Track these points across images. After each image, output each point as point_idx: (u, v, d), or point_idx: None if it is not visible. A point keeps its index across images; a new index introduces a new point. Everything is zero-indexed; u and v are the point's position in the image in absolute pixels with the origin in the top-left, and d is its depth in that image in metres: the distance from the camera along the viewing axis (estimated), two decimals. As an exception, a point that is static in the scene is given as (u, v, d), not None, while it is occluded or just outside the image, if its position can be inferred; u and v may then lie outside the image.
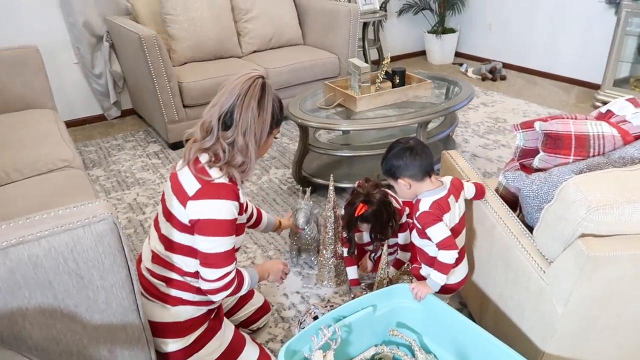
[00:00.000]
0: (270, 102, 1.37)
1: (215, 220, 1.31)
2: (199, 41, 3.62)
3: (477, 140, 3.43)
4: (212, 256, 1.34)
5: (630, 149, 1.48)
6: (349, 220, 1.87)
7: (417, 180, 1.51)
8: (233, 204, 1.34)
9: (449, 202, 1.51)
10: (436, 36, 5.17)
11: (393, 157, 1.54)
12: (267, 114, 1.36)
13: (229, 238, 1.35)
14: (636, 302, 1.23)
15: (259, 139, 1.37)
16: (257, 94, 1.34)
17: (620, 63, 3.80)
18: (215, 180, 1.33)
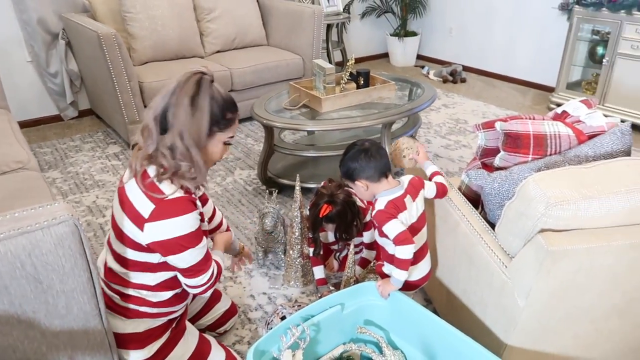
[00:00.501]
0: (206, 100, 1.24)
1: (181, 237, 1.26)
2: (160, 40, 3.55)
3: (439, 141, 3.51)
4: (194, 267, 1.32)
5: (584, 147, 1.55)
6: (314, 221, 1.88)
7: (373, 182, 1.53)
8: (193, 215, 1.27)
9: (405, 201, 1.53)
10: (398, 39, 5.26)
11: (349, 160, 1.56)
12: (203, 113, 1.24)
13: (201, 244, 1.32)
14: (591, 294, 1.29)
15: (197, 142, 1.25)
16: (191, 90, 1.22)
17: (573, 67, 3.98)
18: (169, 197, 1.24)
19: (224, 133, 1.32)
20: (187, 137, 1.24)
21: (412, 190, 1.57)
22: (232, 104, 1.32)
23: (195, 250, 1.30)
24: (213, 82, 1.29)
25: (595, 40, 3.83)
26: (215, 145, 1.32)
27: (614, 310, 1.35)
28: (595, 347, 1.45)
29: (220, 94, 1.28)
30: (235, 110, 1.34)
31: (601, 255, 1.21)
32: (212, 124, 1.27)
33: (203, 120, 1.25)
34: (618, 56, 3.49)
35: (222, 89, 1.32)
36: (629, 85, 3.49)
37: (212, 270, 1.39)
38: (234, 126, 1.35)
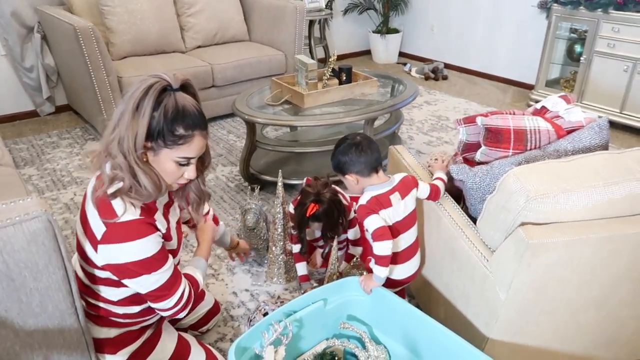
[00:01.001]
0: (149, 106, 1.10)
1: (133, 263, 1.16)
2: (139, 35, 3.48)
3: (421, 137, 3.52)
4: (154, 292, 1.22)
5: (563, 142, 1.56)
6: (300, 221, 1.86)
7: (363, 176, 1.52)
8: (149, 239, 1.17)
9: (390, 198, 1.51)
10: (381, 36, 5.27)
11: (340, 154, 1.54)
12: (143, 120, 1.10)
13: (162, 268, 1.21)
14: (570, 286, 1.31)
15: (132, 152, 1.12)
16: (139, 95, 1.11)
17: (552, 65, 4.03)
18: (121, 219, 1.13)
19: (173, 151, 1.15)
20: (126, 145, 1.12)
21: (401, 188, 1.55)
22: (188, 118, 1.14)
23: (153, 276, 1.20)
24: (176, 90, 1.15)
25: (573, 39, 3.89)
26: (163, 162, 1.17)
27: (592, 303, 1.37)
28: (575, 340, 1.47)
29: (175, 104, 1.12)
30: (192, 125, 1.15)
31: (580, 247, 1.22)
32: (155, 136, 1.13)
33: (140, 127, 1.11)
34: (595, 54, 3.55)
35: (190, 101, 1.15)
36: (606, 83, 3.55)
37: (180, 292, 1.26)
38: (188, 145, 1.16)
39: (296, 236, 1.96)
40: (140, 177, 1.15)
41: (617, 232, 1.23)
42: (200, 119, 1.17)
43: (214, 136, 3.55)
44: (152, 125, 1.12)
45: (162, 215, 1.28)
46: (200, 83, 3.46)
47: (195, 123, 1.16)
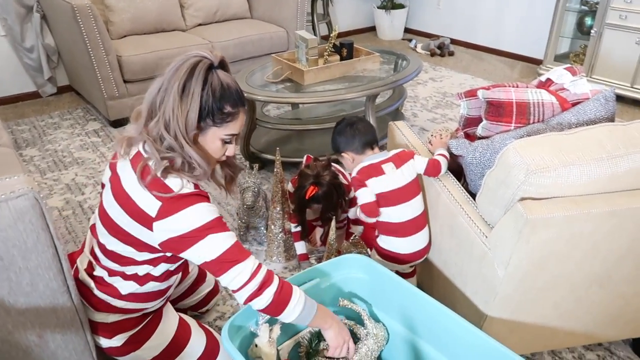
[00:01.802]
0: (199, 86, 1.09)
1: (202, 226, 1.12)
2: (138, 13, 3.43)
3: (425, 115, 3.46)
4: (227, 253, 1.14)
5: (567, 115, 1.51)
6: (300, 203, 1.84)
7: (358, 153, 1.63)
8: (208, 205, 1.14)
9: (382, 167, 1.56)
10: (385, 11, 5.15)
11: (337, 134, 1.67)
12: (193, 102, 1.09)
13: (227, 232, 1.15)
14: (570, 263, 1.27)
15: (184, 134, 1.11)
16: (183, 75, 1.09)
17: (561, 39, 3.92)
18: (177, 193, 1.12)
19: (221, 129, 1.16)
20: (174, 126, 1.10)
21: (396, 159, 1.60)
22: (234, 97, 1.14)
23: (221, 236, 1.13)
24: (217, 68, 1.14)
25: (584, 11, 3.77)
26: (211, 141, 1.17)
27: (594, 279, 1.34)
28: (575, 317, 1.44)
29: (221, 82, 1.12)
30: (238, 104, 1.16)
31: (581, 223, 1.19)
32: (204, 116, 1.12)
33: (191, 110, 1.10)
34: (606, 27, 3.44)
35: (230, 78, 1.15)
36: (617, 56, 3.45)
37: (252, 265, 1.16)
38: (234, 123, 1.17)
39: (295, 217, 1.94)
40: (192, 155, 1.13)
41: (620, 207, 1.19)
42: (242, 95, 1.18)
43: (215, 115, 3.51)
44: (202, 106, 1.11)
45: None
46: (200, 61, 3.41)
47: (240, 100, 1.17)
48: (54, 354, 1.25)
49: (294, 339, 1.43)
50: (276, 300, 1.17)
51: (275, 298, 1.17)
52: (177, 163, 1.14)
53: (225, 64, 1.17)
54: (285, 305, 1.19)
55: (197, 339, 1.50)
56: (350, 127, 1.63)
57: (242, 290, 1.15)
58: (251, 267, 1.16)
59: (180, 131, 1.11)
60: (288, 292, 1.20)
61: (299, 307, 1.20)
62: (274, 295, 1.17)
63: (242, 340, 1.29)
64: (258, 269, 1.17)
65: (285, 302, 1.19)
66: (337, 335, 1.29)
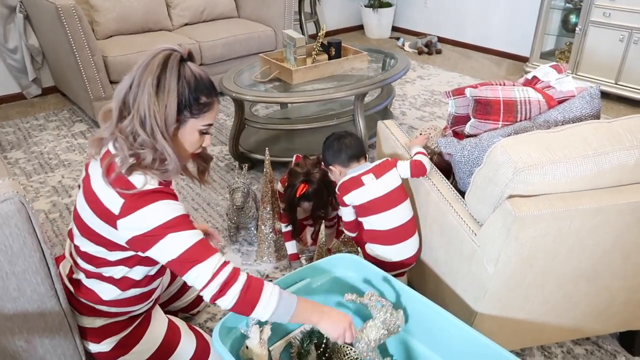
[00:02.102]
0: (174, 80, 1.08)
1: (160, 226, 1.09)
2: (124, 12, 3.40)
3: (414, 113, 3.47)
4: (187, 252, 1.11)
5: (554, 112, 1.53)
6: (291, 202, 1.84)
7: (344, 167, 1.67)
8: (171, 202, 1.12)
9: (362, 179, 1.61)
10: (373, 10, 5.16)
11: (325, 147, 1.72)
12: (170, 95, 1.08)
13: (193, 231, 1.13)
14: (558, 258, 1.29)
15: (163, 129, 1.10)
16: (157, 69, 1.07)
17: (547, 36, 3.96)
18: (140, 190, 1.10)
19: (198, 120, 1.15)
20: (151, 122, 1.09)
21: (376, 169, 1.64)
22: (208, 86, 1.15)
23: (184, 235, 1.11)
24: (187, 60, 1.13)
25: (569, 9, 3.81)
26: (189, 133, 1.16)
27: (581, 274, 1.35)
28: (564, 312, 1.46)
29: (193, 74, 1.12)
30: (212, 93, 1.16)
31: (568, 219, 1.20)
32: (182, 108, 1.11)
33: (169, 104, 1.09)
34: (590, 24, 3.47)
35: (199, 68, 1.15)
36: (601, 53, 3.49)
37: (215, 263, 1.12)
38: (211, 112, 1.17)
39: (286, 216, 1.93)
40: (167, 152, 1.12)
41: (605, 203, 1.20)
42: (214, 84, 1.19)
43: (204, 115, 3.49)
44: (179, 99, 1.10)
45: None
46: (188, 61, 3.39)
47: (213, 89, 1.18)
48: (43, 359, 1.23)
49: (286, 340, 1.43)
50: (243, 300, 1.13)
51: (241, 297, 1.12)
52: (147, 160, 1.11)
53: (192, 56, 1.17)
54: (254, 304, 1.14)
55: (187, 342, 1.48)
56: (338, 141, 1.68)
57: (205, 290, 1.12)
58: (213, 266, 1.12)
59: (158, 127, 1.09)
60: (257, 290, 1.14)
61: (272, 305, 1.14)
62: (240, 294, 1.12)
63: (233, 342, 1.29)
64: (221, 268, 1.12)
65: (253, 301, 1.13)
66: (333, 325, 1.21)
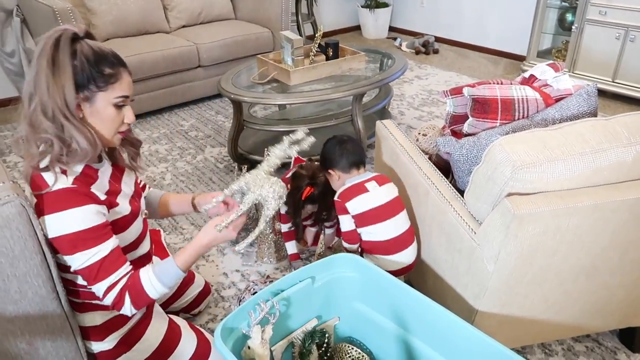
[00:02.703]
0: (67, 57, 1.05)
1: (68, 236, 1.09)
2: (120, 15, 3.40)
3: (412, 113, 3.48)
4: (85, 271, 1.13)
5: (551, 110, 1.54)
6: (296, 205, 1.85)
7: (344, 172, 1.65)
8: (85, 209, 1.09)
9: (366, 185, 1.60)
10: (370, 10, 5.17)
11: (325, 151, 1.69)
12: (66, 73, 1.05)
13: (100, 247, 1.13)
14: (558, 256, 1.29)
15: (63, 108, 1.06)
16: (50, 50, 1.04)
17: (543, 35, 3.98)
18: (53, 189, 1.08)
19: (107, 92, 1.11)
20: (52, 106, 1.06)
21: (377, 178, 1.64)
22: (109, 57, 1.11)
23: (87, 254, 1.11)
24: (82, 37, 1.11)
25: (565, 7, 3.83)
26: (102, 108, 1.12)
27: (581, 271, 1.36)
28: (564, 309, 1.46)
29: (91, 48, 1.09)
30: (117, 64, 1.12)
31: (567, 217, 1.21)
32: (85, 83, 1.08)
33: (66, 82, 1.06)
34: (587, 22, 3.49)
35: (98, 44, 1.13)
36: (598, 52, 3.50)
37: (111, 283, 1.15)
38: (120, 83, 1.13)
39: (289, 218, 1.94)
40: (73, 134, 1.08)
41: (603, 200, 1.21)
42: (119, 56, 1.15)
43: (201, 117, 3.50)
44: (77, 75, 1.08)
45: (107, 184, 1.23)
46: (185, 63, 3.40)
47: (117, 59, 1.14)
48: (45, 362, 1.23)
49: (287, 339, 1.43)
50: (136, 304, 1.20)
51: (133, 305, 1.20)
52: (55, 149, 1.08)
53: (91, 35, 1.15)
54: (146, 299, 1.21)
55: (187, 341, 1.49)
56: (340, 145, 1.66)
57: (103, 300, 1.19)
58: (106, 287, 1.16)
59: (59, 109, 1.06)
60: (140, 290, 1.20)
61: (159, 288, 1.22)
62: (130, 308, 1.20)
63: (235, 342, 1.29)
64: (107, 291, 1.16)
65: (143, 299, 1.21)
66: (213, 242, 1.31)
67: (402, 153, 1.71)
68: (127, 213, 1.26)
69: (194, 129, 3.33)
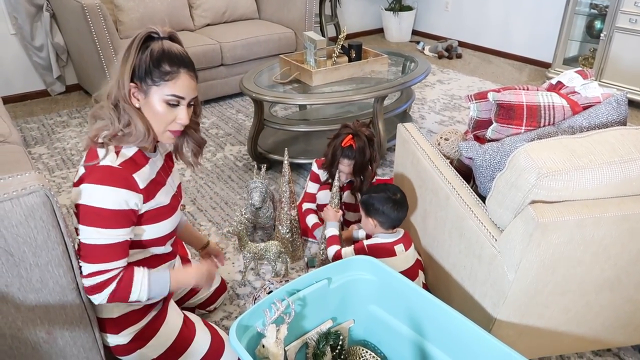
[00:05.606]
0: (134, 50, 1.14)
1: (93, 208, 1.13)
2: (147, 12, 3.45)
3: (433, 117, 3.45)
4: (86, 247, 1.15)
5: (578, 118, 1.50)
6: (334, 153, 1.93)
7: (384, 228, 1.68)
8: (122, 192, 1.14)
9: (394, 248, 1.64)
10: (393, 13, 5.15)
11: (378, 201, 1.66)
12: (129, 63, 1.14)
13: (112, 231, 1.15)
14: (582, 267, 1.26)
15: (123, 96, 1.16)
16: (127, 46, 1.16)
17: (570, 42, 3.90)
18: (100, 163, 1.15)
19: (160, 88, 1.16)
20: (115, 90, 1.17)
21: (405, 240, 1.67)
22: (175, 57, 1.16)
23: (99, 232, 1.14)
24: (162, 38, 1.18)
25: (593, 14, 3.75)
26: (155, 103, 1.18)
27: (605, 284, 1.33)
28: (585, 322, 1.43)
29: (162, 46, 1.16)
30: (178, 63, 1.16)
31: (593, 227, 1.18)
32: (142, 75, 1.15)
33: (126, 69, 1.15)
34: (616, 30, 3.41)
35: (176, 46, 1.19)
36: (627, 60, 3.42)
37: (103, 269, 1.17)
38: (174, 82, 1.17)
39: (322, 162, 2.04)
40: (131, 117, 1.17)
41: (633, 211, 1.18)
42: (187, 59, 1.20)
43: (222, 115, 3.52)
44: (138, 65, 1.15)
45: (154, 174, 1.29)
46: (208, 61, 3.43)
47: (181, 61, 1.18)
48: (63, 351, 1.25)
49: (302, 340, 1.43)
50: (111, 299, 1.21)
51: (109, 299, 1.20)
52: (114, 126, 1.17)
53: (175, 37, 1.21)
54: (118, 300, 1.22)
55: (202, 337, 1.50)
56: (394, 203, 1.64)
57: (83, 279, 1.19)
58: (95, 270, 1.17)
59: (121, 95, 1.16)
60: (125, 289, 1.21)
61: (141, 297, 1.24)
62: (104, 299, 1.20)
63: (250, 340, 1.29)
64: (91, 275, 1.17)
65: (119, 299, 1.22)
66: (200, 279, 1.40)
67: (423, 157, 1.69)
68: (166, 204, 1.32)
69: (215, 127, 3.35)
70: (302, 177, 2.69)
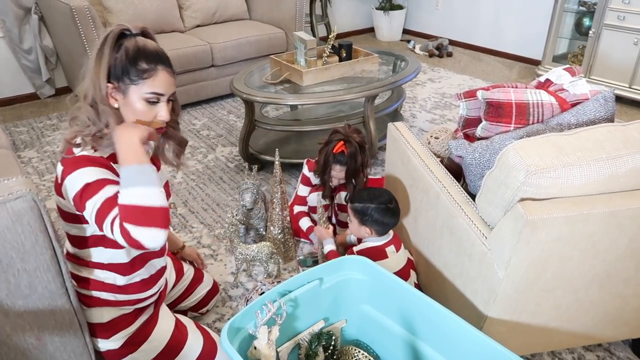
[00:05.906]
0: (108, 49, 1.12)
1: (81, 189, 1.09)
2: (137, 14, 3.43)
3: (424, 115, 3.46)
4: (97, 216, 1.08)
5: (567, 115, 1.51)
6: (326, 160, 1.91)
7: (378, 234, 1.68)
8: (99, 169, 1.13)
9: (386, 251, 1.65)
10: (384, 12, 5.16)
11: (374, 211, 1.64)
12: (104, 63, 1.12)
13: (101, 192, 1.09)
14: (571, 263, 1.27)
15: (99, 96, 1.13)
16: (98, 44, 1.13)
17: (559, 39, 3.93)
18: (77, 154, 1.15)
19: (139, 86, 1.14)
20: (91, 90, 1.14)
21: (395, 241, 1.69)
22: (150, 54, 1.15)
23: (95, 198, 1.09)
24: (134, 34, 1.16)
25: (582, 12, 3.78)
26: (133, 102, 1.15)
27: (594, 280, 1.34)
28: (575, 318, 1.44)
29: (136, 43, 1.14)
30: (155, 60, 1.15)
31: (581, 223, 1.18)
32: (119, 74, 1.13)
33: (102, 69, 1.12)
34: (604, 27, 3.44)
35: (150, 42, 1.17)
36: (615, 57, 3.45)
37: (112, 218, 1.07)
38: (153, 79, 1.15)
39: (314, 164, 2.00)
40: (109, 119, 1.15)
41: (620, 207, 1.19)
42: (163, 54, 1.18)
43: (213, 116, 3.51)
44: (114, 65, 1.13)
45: None
46: (199, 63, 3.41)
47: (158, 58, 1.17)
48: (53, 357, 1.24)
49: (294, 341, 1.43)
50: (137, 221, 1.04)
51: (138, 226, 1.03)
52: (90, 129, 1.15)
53: (148, 33, 1.19)
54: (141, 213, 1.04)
55: (194, 341, 1.49)
56: (391, 212, 1.65)
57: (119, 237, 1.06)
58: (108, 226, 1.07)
59: (98, 96, 1.14)
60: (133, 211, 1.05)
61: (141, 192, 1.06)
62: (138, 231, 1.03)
63: (242, 342, 1.29)
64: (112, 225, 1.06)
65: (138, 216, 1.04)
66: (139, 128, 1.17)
67: (413, 156, 1.70)
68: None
69: (206, 128, 3.34)
70: (294, 177, 2.69)
